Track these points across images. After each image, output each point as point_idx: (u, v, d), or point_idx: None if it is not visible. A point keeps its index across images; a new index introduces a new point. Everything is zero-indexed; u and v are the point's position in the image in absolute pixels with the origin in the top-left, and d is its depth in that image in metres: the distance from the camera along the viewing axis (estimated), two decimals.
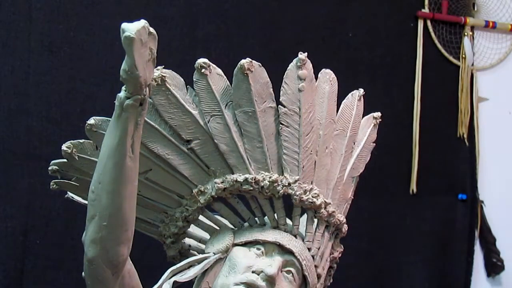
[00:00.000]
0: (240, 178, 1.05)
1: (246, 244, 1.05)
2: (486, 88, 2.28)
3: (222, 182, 1.05)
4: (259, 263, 1.00)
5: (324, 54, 2.00)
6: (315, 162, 1.07)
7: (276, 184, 1.04)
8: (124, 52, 0.78)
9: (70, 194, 1.12)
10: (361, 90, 1.16)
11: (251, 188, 1.05)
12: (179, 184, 1.07)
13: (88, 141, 1.03)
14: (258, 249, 1.03)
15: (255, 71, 1.01)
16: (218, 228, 1.10)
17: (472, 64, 2.25)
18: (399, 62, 2.16)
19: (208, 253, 1.04)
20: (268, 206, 1.07)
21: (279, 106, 1.04)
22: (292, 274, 1.03)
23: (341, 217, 1.11)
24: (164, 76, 1.00)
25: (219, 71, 1.03)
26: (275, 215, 1.07)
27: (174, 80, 1.02)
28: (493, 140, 2.26)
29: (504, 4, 2.31)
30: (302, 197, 1.05)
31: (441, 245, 2.16)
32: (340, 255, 1.15)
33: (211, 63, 1.02)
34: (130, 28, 0.77)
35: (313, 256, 1.07)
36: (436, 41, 2.20)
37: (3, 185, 1.69)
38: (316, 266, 1.07)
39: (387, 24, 2.14)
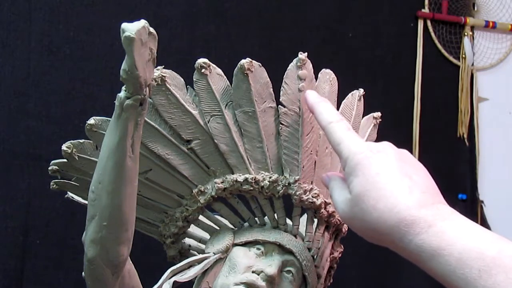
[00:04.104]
0: (240, 178, 1.05)
1: (246, 244, 1.05)
2: (486, 88, 2.28)
3: (222, 182, 1.05)
4: (259, 263, 1.00)
5: (324, 54, 2.00)
6: (315, 162, 1.07)
7: (276, 184, 1.04)
8: (124, 52, 0.78)
9: (70, 194, 1.12)
10: (361, 90, 1.16)
11: (251, 188, 1.05)
12: (179, 184, 1.06)
13: (88, 141, 1.03)
14: (258, 249, 1.03)
15: (255, 71, 1.01)
16: (218, 228, 1.10)
17: (472, 64, 2.25)
18: (399, 62, 2.16)
19: (208, 253, 1.04)
20: (268, 206, 1.07)
21: (279, 106, 1.04)
22: (292, 274, 1.03)
23: None
24: (164, 76, 1.00)
25: (219, 71, 1.03)
26: (275, 215, 1.07)
27: (174, 80, 1.02)
28: (493, 140, 2.26)
29: (504, 4, 2.31)
30: (302, 197, 1.05)
31: None
32: (340, 255, 1.15)
33: (211, 63, 1.02)
34: (130, 28, 0.77)
35: (313, 256, 1.07)
36: (436, 41, 2.20)
37: (3, 185, 1.69)
38: (316, 266, 1.07)
39: (387, 24, 2.14)
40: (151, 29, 0.81)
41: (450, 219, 0.64)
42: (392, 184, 0.65)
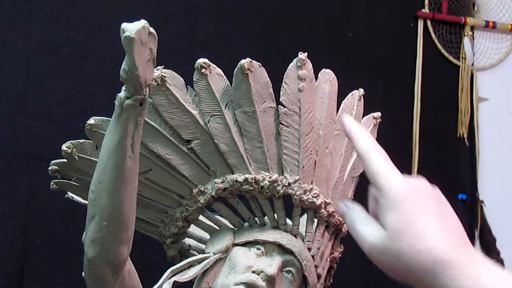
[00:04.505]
0: (240, 178, 1.05)
1: (246, 244, 1.05)
2: (486, 88, 2.28)
3: (222, 182, 1.05)
4: (259, 263, 1.00)
5: (324, 54, 1.99)
6: (315, 162, 1.07)
7: (276, 184, 1.04)
8: (124, 52, 0.78)
9: (70, 194, 1.12)
10: (361, 90, 1.16)
11: (251, 188, 1.05)
12: (179, 184, 1.07)
13: (88, 141, 1.03)
14: (258, 249, 1.03)
15: (255, 71, 1.01)
16: (218, 228, 1.10)
17: (472, 64, 2.25)
18: (399, 62, 2.16)
19: (208, 253, 1.04)
20: (268, 206, 1.07)
21: (279, 106, 1.04)
22: (292, 274, 1.03)
23: (341, 217, 1.10)
24: (164, 76, 1.00)
25: (219, 71, 1.03)
26: (275, 215, 1.07)
27: (174, 80, 1.02)
28: (493, 140, 2.26)
29: (504, 4, 2.31)
30: (302, 197, 1.05)
31: None
32: (340, 255, 1.15)
33: (211, 63, 1.02)
34: (130, 28, 0.77)
35: (313, 256, 1.07)
36: (436, 41, 2.20)
37: (3, 185, 1.69)
38: (316, 266, 1.07)
39: (387, 24, 2.14)
40: (151, 29, 0.81)
41: (483, 262, 0.64)
42: (430, 224, 0.65)
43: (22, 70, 1.72)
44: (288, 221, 1.09)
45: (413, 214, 0.65)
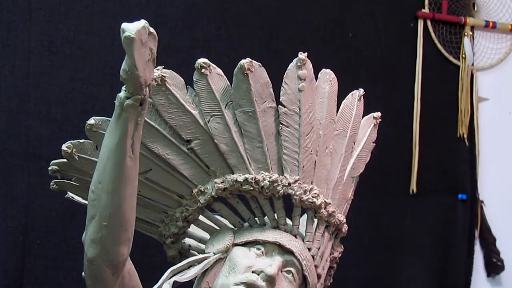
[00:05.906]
0: (240, 178, 1.05)
1: (246, 244, 1.05)
2: (486, 88, 2.28)
3: (222, 182, 1.05)
4: (259, 263, 1.00)
5: (324, 54, 2.00)
6: (315, 162, 1.07)
7: (276, 184, 1.04)
8: (124, 52, 0.78)
9: (70, 194, 1.12)
10: (361, 90, 1.16)
11: (251, 188, 1.05)
12: (179, 184, 1.07)
13: (88, 141, 1.03)
14: (258, 249, 1.03)
15: (255, 71, 1.01)
16: (218, 228, 1.10)
17: (472, 64, 2.25)
18: (399, 62, 2.16)
19: (208, 253, 1.04)
20: (268, 206, 1.07)
21: (279, 106, 1.04)
22: (292, 274, 1.03)
23: (341, 217, 1.11)
24: (164, 76, 1.00)
25: (219, 71, 1.03)
26: (275, 215, 1.07)
27: (174, 80, 1.02)
28: (493, 140, 2.26)
29: (504, 4, 2.31)
30: (302, 197, 1.05)
31: (441, 245, 2.16)
32: (340, 255, 1.15)
33: (211, 63, 1.02)
34: (130, 28, 0.77)
35: (313, 256, 1.07)
36: (436, 41, 2.20)
37: (3, 185, 1.69)
38: (316, 266, 1.08)
39: (387, 24, 2.14)
40: (151, 29, 0.81)
41: None
42: None
43: (22, 70, 1.72)
44: (288, 221, 1.09)
45: None
